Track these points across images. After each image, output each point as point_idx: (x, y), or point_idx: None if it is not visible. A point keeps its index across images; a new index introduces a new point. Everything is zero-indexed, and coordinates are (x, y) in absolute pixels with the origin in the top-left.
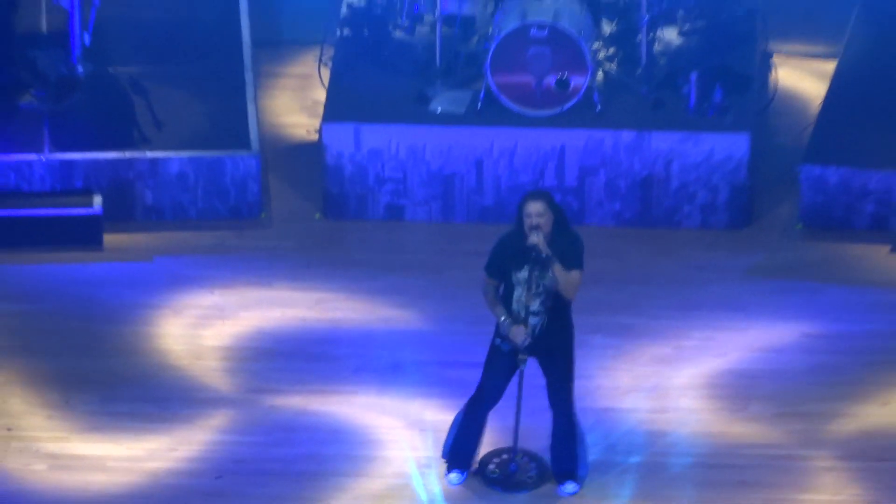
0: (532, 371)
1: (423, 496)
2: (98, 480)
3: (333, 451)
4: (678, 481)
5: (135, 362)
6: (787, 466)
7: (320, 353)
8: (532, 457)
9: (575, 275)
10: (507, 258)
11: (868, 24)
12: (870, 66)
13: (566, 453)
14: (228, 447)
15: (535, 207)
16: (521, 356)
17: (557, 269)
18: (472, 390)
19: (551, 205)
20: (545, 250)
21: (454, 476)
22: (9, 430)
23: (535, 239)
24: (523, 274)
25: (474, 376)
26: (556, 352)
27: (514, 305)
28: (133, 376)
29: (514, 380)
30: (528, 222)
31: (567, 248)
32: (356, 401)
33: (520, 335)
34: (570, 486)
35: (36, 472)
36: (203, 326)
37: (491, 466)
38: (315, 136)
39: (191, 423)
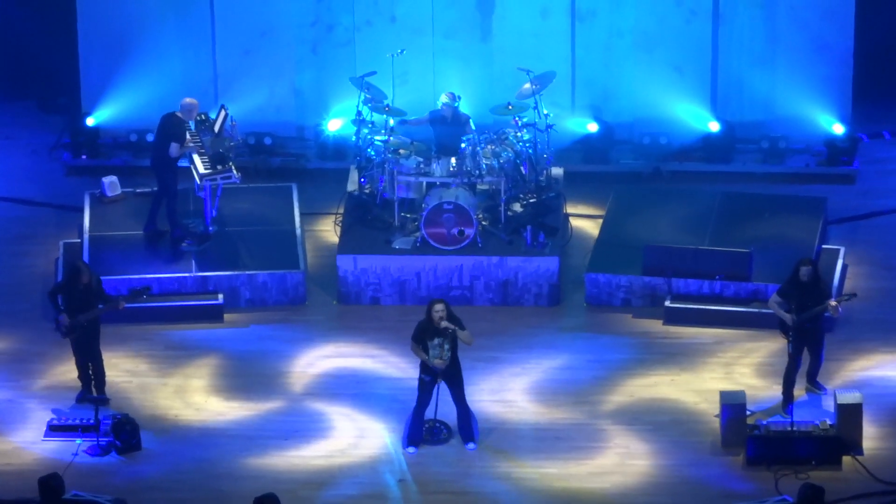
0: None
1: (395, 456)
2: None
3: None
4: (522, 439)
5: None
6: (587, 430)
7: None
8: (444, 424)
9: (467, 332)
10: (423, 333)
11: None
12: (625, 220)
13: (466, 427)
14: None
15: (440, 306)
16: (438, 379)
17: (462, 334)
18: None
19: (446, 304)
20: (451, 327)
21: (411, 449)
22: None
23: (445, 324)
24: (436, 342)
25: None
26: (455, 374)
27: (431, 357)
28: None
29: (434, 393)
30: (436, 315)
31: (456, 322)
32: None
33: (440, 363)
34: (471, 445)
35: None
36: (280, 358)
37: (424, 430)
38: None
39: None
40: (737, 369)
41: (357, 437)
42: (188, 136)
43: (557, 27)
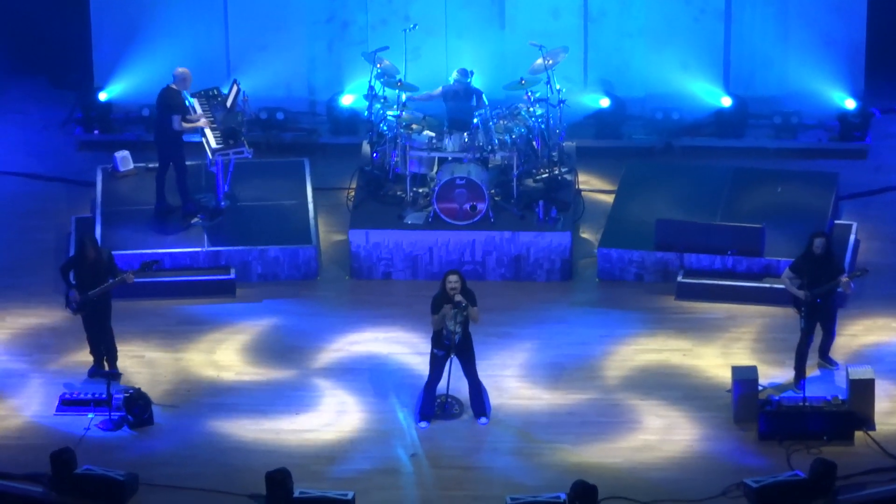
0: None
1: (407, 430)
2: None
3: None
4: (534, 414)
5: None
6: (599, 405)
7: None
8: (456, 399)
9: (475, 309)
10: (439, 305)
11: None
12: (637, 195)
13: (478, 402)
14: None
15: (454, 278)
16: (450, 353)
17: (472, 310)
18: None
19: (461, 276)
20: (464, 301)
21: (423, 424)
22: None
23: (458, 297)
24: (450, 314)
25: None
26: (467, 349)
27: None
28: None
29: (446, 368)
30: (449, 287)
31: (470, 296)
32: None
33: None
34: (483, 420)
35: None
36: (291, 333)
37: (436, 405)
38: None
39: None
40: (748, 344)
41: (369, 412)
42: (199, 111)
43: (569, 27)
